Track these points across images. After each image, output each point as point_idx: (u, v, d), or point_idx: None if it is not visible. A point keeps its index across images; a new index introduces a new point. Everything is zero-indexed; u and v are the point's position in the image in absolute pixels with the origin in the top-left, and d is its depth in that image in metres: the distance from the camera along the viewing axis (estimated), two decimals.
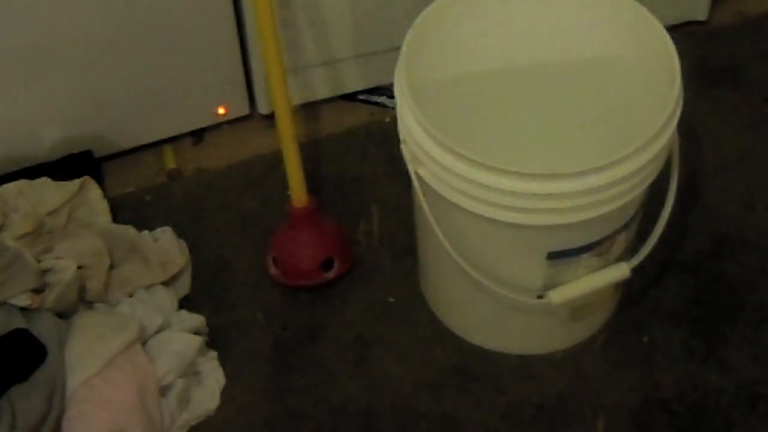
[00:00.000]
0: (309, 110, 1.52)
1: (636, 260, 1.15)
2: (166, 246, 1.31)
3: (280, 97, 1.20)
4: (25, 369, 1.12)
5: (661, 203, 1.13)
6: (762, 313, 1.29)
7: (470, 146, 0.98)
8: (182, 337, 1.22)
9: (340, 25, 1.41)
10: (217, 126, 1.50)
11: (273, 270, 1.32)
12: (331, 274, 1.31)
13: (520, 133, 1.14)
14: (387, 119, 1.51)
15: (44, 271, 1.18)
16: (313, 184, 1.32)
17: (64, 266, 1.19)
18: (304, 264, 1.31)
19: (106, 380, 1.14)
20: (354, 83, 1.52)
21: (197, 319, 1.26)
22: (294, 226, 1.31)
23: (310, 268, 1.30)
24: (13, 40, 1.25)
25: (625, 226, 1.11)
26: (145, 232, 1.33)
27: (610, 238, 1.10)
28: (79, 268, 1.20)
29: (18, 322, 1.13)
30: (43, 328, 1.14)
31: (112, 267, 1.26)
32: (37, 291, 1.17)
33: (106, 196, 1.35)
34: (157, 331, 1.22)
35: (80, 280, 1.21)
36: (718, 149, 1.47)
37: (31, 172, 1.34)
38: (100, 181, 1.38)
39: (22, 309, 1.15)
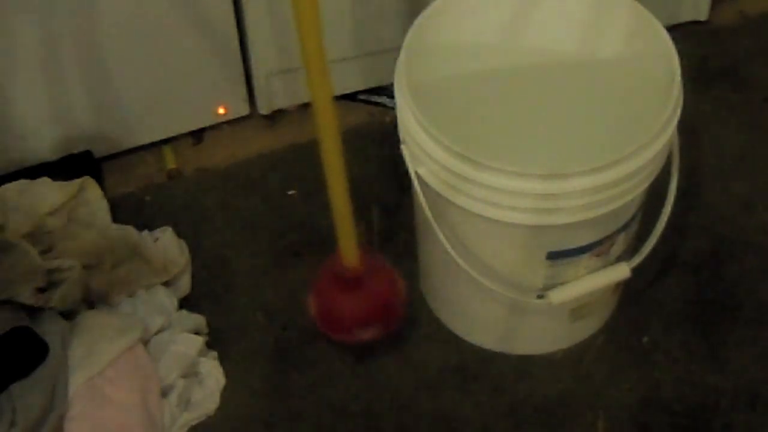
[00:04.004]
0: (309, 110, 1.52)
1: (636, 260, 1.15)
2: (166, 246, 1.31)
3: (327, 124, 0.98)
4: (26, 366, 1.12)
5: (661, 203, 1.13)
6: (762, 313, 1.29)
7: (470, 146, 0.98)
8: (184, 338, 1.22)
9: (340, 25, 1.41)
10: (217, 126, 1.50)
11: (312, 311, 1.19)
12: (366, 335, 1.18)
13: (520, 133, 1.14)
14: (387, 119, 1.51)
15: (49, 271, 1.18)
16: (312, 184, 1.32)
17: (69, 265, 1.19)
18: (340, 324, 1.18)
19: (109, 380, 1.14)
20: (354, 83, 1.51)
21: (197, 319, 1.26)
22: (338, 286, 1.15)
23: (346, 328, 1.18)
24: (14, 41, 1.25)
25: (625, 226, 1.11)
26: (145, 232, 1.33)
27: (610, 238, 1.10)
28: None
29: (22, 320, 1.13)
30: (48, 327, 1.14)
31: (112, 267, 1.26)
32: (42, 290, 1.17)
33: (106, 196, 1.35)
34: (159, 332, 1.23)
35: (84, 279, 1.21)
36: (718, 149, 1.47)
37: (31, 172, 1.34)
38: (100, 181, 1.38)
39: (27, 307, 1.15)
